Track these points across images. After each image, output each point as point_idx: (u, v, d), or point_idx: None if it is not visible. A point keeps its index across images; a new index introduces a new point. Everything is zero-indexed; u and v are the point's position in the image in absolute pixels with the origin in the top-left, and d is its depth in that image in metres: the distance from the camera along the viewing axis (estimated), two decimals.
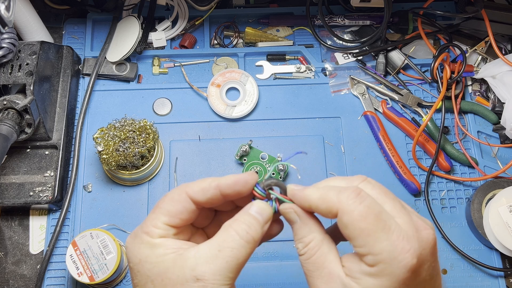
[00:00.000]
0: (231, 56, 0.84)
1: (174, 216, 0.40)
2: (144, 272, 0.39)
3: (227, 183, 0.40)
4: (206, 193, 0.41)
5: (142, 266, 0.39)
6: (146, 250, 0.40)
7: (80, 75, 0.82)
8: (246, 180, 0.41)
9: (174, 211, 0.40)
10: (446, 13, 0.82)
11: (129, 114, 0.77)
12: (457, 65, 0.78)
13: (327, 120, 0.80)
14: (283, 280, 0.70)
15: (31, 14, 0.76)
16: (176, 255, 0.39)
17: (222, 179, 0.41)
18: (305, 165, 0.76)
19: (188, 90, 0.81)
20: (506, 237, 0.68)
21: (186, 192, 0.41)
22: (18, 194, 0.71)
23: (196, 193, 0.41)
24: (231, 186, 0.40)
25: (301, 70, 0.83)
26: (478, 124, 0.80)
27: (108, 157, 0.67)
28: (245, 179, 0.41)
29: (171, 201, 0.41)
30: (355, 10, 0.86)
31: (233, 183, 0.40)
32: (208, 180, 0.41)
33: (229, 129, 0.79)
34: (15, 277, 0.71)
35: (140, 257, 0.40)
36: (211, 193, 0.40)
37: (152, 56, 0.83)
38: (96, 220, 0.73)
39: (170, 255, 0.39)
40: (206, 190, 0.41)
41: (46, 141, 0.73)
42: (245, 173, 0.41)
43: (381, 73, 0.82)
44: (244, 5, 0.88)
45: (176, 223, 0.41)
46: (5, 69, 0.68)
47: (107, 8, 0.84)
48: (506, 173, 0.75)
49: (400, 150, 0.77)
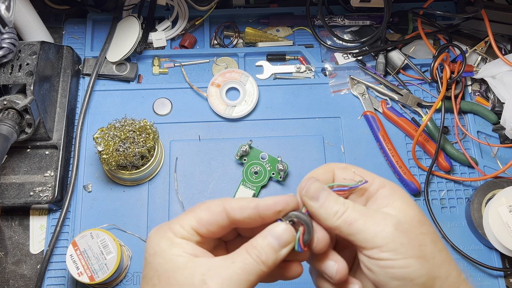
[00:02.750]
0: (231, 56, 0.84)
1: (203, 224, 0.40)
2: (154, 266, 0.39)
3: (267, 204, 0.40)
4: (244, 211, 0.40)
5: (154, 259, 0.39)
6: (164, 245, 0.40)
7: (80, 75, 0.82)
8: (287, 202, 0.40)
9: (205, 220, 0.40)
10: (446, 13, 0.82)
11: (129, 114, 0.77)
12: (457, 65, 0.79)
13: (327, 120, 0.80)
14: (282, 280, 0.70)
15: (31, 14, 0.76)
16: (190, 258, 0.39)
17: (261, 200, 0.40)
18: (305, 165, 0.76)
19: (188, 90, 0.81)
20: (506, 237, 0.68)
21: (225, 206, 0.40)
22: (18, 194, 0.71)
23: (234, 209, 0.40)
24: (270, 208, 0.40)
25: (301, 70, 0.83)
26: (478, 124, 0.80)
27: (108, 157, 0.68)
28: (286, 201, 0.40)
29: (207, 209, 0.40)
30: (355, 10, 0.86)
31: (272, 205, 0.40)
32: (248, 199, 0.40)
33: (229, 129, 0.79)
34: (15, 277, 0.71)
35: (156, 249, 0.40)
36: (249, 213, 0.40)
37: (152, 56, 0.83)
38: (96, 220, 0.73)
39: (184, 257, 0.39)
40: (244, 208, 0.40)
41: (46, 141, 0.73)
42: (286, 196, 0.40)
43: (381, 73, 0.82)
44: (244, 5, 0.88)
45: (203, 232, 0.40)
46: (5, 69, 0.68)
47: (107, 8, 0.84)
48: (506, 173, 0.75)
49: (400, 150, 0.77)
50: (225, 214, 0.40)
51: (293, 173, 0.76)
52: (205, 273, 0.38)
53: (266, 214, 0.39)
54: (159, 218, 0.73)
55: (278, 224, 0.40)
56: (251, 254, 0.38)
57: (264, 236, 0.39)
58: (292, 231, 0.39)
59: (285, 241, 0.39)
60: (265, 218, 0.40)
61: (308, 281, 0.45)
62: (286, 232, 0.39)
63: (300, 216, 0.40)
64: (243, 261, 0.38)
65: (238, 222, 0.40)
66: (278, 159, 0.74)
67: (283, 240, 0.39)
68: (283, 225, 0.39)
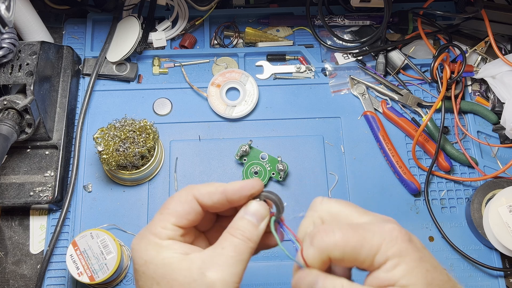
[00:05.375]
0: (231, 56, 0.84)
1: (182, 216, 0.41)
2: (149, 274, 0.40)
3: (234, 188, 0.41)
4: (212, 197, 0.42)
5: (147, 267, 0.40)
6: (153, 252, 0.40)
7: (80, 75, 0.82)
8: (253, 186, 0.42)
9: (182, 211, 0.41)
10: (446, 13, 0.82)
11: (129, 114, 0.78)
12: (457, 65, 0.79)
13: (327, 120, 0.80)
14: (283, 280, 0.70)
15: (31, 14, 0.76)
16: (182, 257, 0.40)
17: (228, 184, 0.42)
18: (305, 165, 0.76)
19: (188, 90, 0.81)
20: (506, 237, 0.68)
21: (193, 194, 0.42)
22: (18, 194, 0.71)
23: (203, 196, 0.42)
24: (237, 191, 0.41)
25: (301, 70, 0.83)
26: (478, 124, 0.80)
27: (108, 157, 0.68)
28: (252, 185, 0.42)
29: (179, 202, 0.42)
30: (355, 10, 0.86)
31: (239, 188, 0.41)
32: (215, 185, 0.42)
33: (229, 129, 0.79)
34: (15, 277, 0.71)
35: (146, 258, 0.40)
36: (217, 198, 0.42)
37: (152, 56, 0.83)
38: (96, 220, 0.73)
39: (176, 258, 0.39)
40: (213, 194, 0.42)
41: (46, 141, 0.73)
42: (252, 179, 0.42)
43: (381, 73, 0.82)
44: (244, 5, 0.88)
45: (184, 224, 0.41)
46: (5, 69, 0.68)
47: (107, 8, 0.84)
48: (506, 173, 0.75)
49: (400, 150, 0.77)
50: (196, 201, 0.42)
51: (293, 173, 0.76)
52: (201, 266, 0.39)
53: (233, 198, 0.42)
54: None
55: (250, 203, 0.42)
56: (237, 235, 0.40)
57: (241, 216, 0.41)
58: (265, 206, 0.42)
59: (261, 216, 0.42)
60: (233, 202, 0.42)
61: None
62: (260, 207, 0.42)
63: (268, 196, 0.42)
64: (232, 244, 0.40)
65: (209, 207, 0.42)
66: (278, 159, 0.74)
67: (259, 215, 0.42)
68: (255, 203, 0.42)
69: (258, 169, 0.75)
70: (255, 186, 0.42)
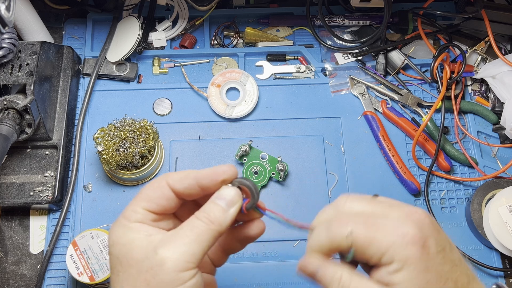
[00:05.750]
0: (231, 56, 0.84)
1: (152, 201, 0.42)
2: (115, 254, 0.41)
3: (205, 173, 0.42)
4: (184, 182, 0.42)
5: (114, 248, 0.41)
6: (119, 233, 0.41)
7: (80, 75, 0.82)
8: (224, 171, 0.42)
9: (152, 196, 0.42)
10: (446, 13, 0.82)
11: (129, 114, 0.78)
12: (457, 65, 0.79)
13: (327, 120, 0.80)
14: (283, 280, 0.70)
15: (31, 14, 0.76)
16: (145, 237, 0.40)
17: (201, 170, 0.42)
18: (305, 165, 0.76)
19: (188, 90, 0.81)
20: (506, 237, 0.68)
21: (166, 180, 0.42)
22: (18, 194, 0.71)
23: (175, 181, 0.42)
24: (208, 176, 0.41)
25: (301, 70, 0.83)
26: (478, 124, 0.80)
27: (108, 157, 0.68)
28: (223, 170, 0.42)
29: (151, 187, 0.42)
30: (355, 10, 0.86)
31: (210, 173, 0.42)
32: (188, 171, 0.42)
33: (229, 129, 0.79)
34: (15, 277, 0.71)
35: (114, 239, 0.41)
36: (188, 183, 0.42)
37: (152, 56, 0.83)
38: (96, 220, 0.73)
39: (140, 239, 0.40)
40: (184, 179, 0.42)
41: (46, 141, 0.73)
42: (224, 165, 0.42)
43: (381, 73, 0.82)
44: (244, 5, 0.88)
45: (154, 209, 0.42)
46: (5, 69, 0.68)
47: (107, 8, 0.84)
48: (506, 173, 0.75)
49: (400, 150, 0.77)
50: (168, 187, 0.42)
51: (293, 173, 0.76)
52: (157, 246, 0.39)
53: (204, 183, 0.41)
54: None
55: (222, 188, 0.42)
56: (200, 217, 0.41)
57: (212, 200, 0.42)
58: (237, 191, 0.42)
59: (230, 200, 0.41)
60: (205, 188, 0.42)
61: None
62: (231, 192, 0.42)
63: (242, 181, 0.42)
64: (191, 224, 0.40)
65: (181, 193, 0.42)
66: (278, 159, 0.74)
67: (229, 200, 0.41)
68: (226, 187, 0.42)
69: (258, 169, 0.75)
70: (227, 171, 0.42)
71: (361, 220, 0.38)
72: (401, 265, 0.36)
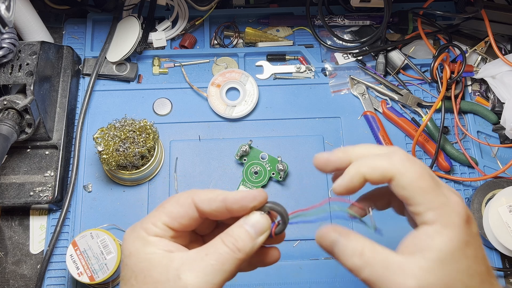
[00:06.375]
0: (231, 56, 0.84)
1: (174, 219, 0.40)
2: (130, 266, 0.39)
3: (234, 198, 0.39)
4: (212, 204, 0.40)
5: (130, 259, 0.39)
6: (138, 245, 0.40)
7: (80, 75, 0.82)
8: (254, 197, 0.40)
9: (176, 214, 0.40)
10: (446, 13, 0.82)
11: (129, 114, 0.78)
12: (457, 65, 0.79)
13: (327, 120, 0.80)
14: (283, 280, 0.70)
15: (31, 14, 0.76)
16: (164, 255, 0.39)
17: (230, 193, 0.40)
18: (305, 164, 0.76)
19: (188, 90, 0.81)
20: (506, 237, 0.68)
21: (193, 198, 0.40)
22: (18, 194, 0.71)
23: (202, 201, 0.40)
24: (238, 201, 0.39)
25: (301, 70, 0.83)
26: (478, 124, 0.80)
27: (108, 157, 0.68)
28: (253, 196, 0.40)
29: (176, 203, 0.41)
30: (355, 10, 0.86)
31: (240, 199, 0.39)
32: (216, 192, 0.40)
33: (229, 129, 0.79)
34: (15, 277, 0.71)
35: (131, 250, 0.40)
36: (216, 205, 0.40)
37: (152, 56, 0.83)
38: (96, 220, 0.73)
39: (159, 254, 0.39)
40: (212, 201, 0.40)
41: (46, 141, 0.73)
42: (255, 190, 0.40)
43: (381, 73, 0.82)
44: (244, 5, 0.88)
45: (175, 227, 0.40)
46: (5, 69, 0.68)
47: (107, 8, 0.84)
48: (506, 173, 0.75)
49: None
50: (194, 206, 0.40)
51: (293, 173, 0.76)
52: (179, 267, 0.37)
53: (233, 208, 0.40)
54: None
55: (253, 213, 0.40)
56: (227, 242, 0.39)
57: (240, 225, 0.40)
58: (267, 219, 0.40)
59: (261, 229, 0.40)
60: (233, 212, 0.40)
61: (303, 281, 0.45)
62: (262, 220, 0.40)
63: (273, 207, 0.40)
64: (217, 251, 0.38)
65: (206, 214, 0.40)
66: (278, 159, 0.74)
67: (258, 228, 0.39)
68: (258, 214, 0.40)
69: (258, 169, 0.75)
70: (257, 198, 0.40)
71: (424, 165, 0.38)
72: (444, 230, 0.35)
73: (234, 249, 0.38)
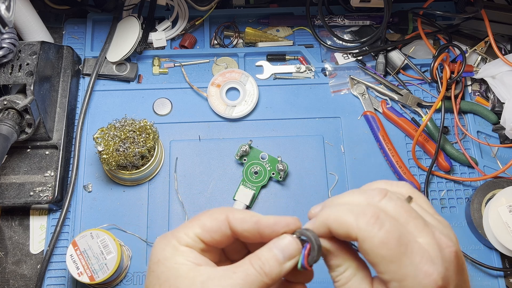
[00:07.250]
0: (231, 56, 0.84)
1: (207, 231, 0.40)
2: (156, 274, 0.39)
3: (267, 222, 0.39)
4: (244, 224, 0.39)
5: (157, 267, 0.39)
6: (167, 253, 0.39)
7: (80, 75, 0.82)
8: (287, 223, 0.39)
9: (209, 227, 0.40)
10: (446, 13, 0.82)
11: (129, 114, 0.78)
12: (457, 65, 0.79)
13: (327, 120, 0.80)
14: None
15: (31, 14, 0.76)
16: (192, 267, 0.38)
17: (263, 217, 0.39)
18: (305, 165, 0.76)
19: (188, 90, 0.81)
20: (505, 237, 0.68)
21: (227, 215, 0.40)
22: (18, 194, 0.71)
23: (236, 220, 0.40)
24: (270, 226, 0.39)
25: (301, 70, 0.83)
26: (478, 124, 0.80)
27: (108, 157, 0.68)
28: (286, 222, 0.39)
29: (211, 217, 0.40)
30: (355, 10, 0.86)
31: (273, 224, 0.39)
32: (251, 213, 0.40)
33: (229, 129, 0.79)
34: (15, 277, 0.71)
35: (160, 257, 0.39)
36: (248, 226, 0.39)
37: (152, 56, 0.83)
38: (96, 220, 0.73)
39: (187, 265, 0.39)
40: (245, 221, 0.39)
41: (46, 141, 0.73)
42: (289, 217, 0.39)
43: (381, 73, 0.82)
44: (244, 5, 0.88)
45: (207, 239, 0.40)
46: (5, 69, 0.68)
47: (107, 8, 0.84)
48: (506, 173, 0.75)
49: (400, 150, 0.77)
50: (227, 223, 0.40)
51: (293, 173, 0.76)
52: (205, 281, 0.37)
53: (265, 231, 0.39)
54: (159, 218, 0.73)
55: (284, 237, 0.39)
56: (254, 264, 0.38)
57: (269, 248, 0.39)
58: (298, 244, 0.38)
59: (290, 254, 0.38)
60: (264, 235, 0.39)
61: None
62: (292, 244, 0.38)
63: (305, 233, 0.38)
64: (245, 272, 0.38)
65: (238, 234, 0.40)
66: (278, 159, 0.74)
67: (288, 253, 0.38)
68: (289, 238, 0.39)
69: (258, 169, 0.75)
70: (290, 225, 0.39)
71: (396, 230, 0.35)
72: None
73: (261, 272, 0.38)
